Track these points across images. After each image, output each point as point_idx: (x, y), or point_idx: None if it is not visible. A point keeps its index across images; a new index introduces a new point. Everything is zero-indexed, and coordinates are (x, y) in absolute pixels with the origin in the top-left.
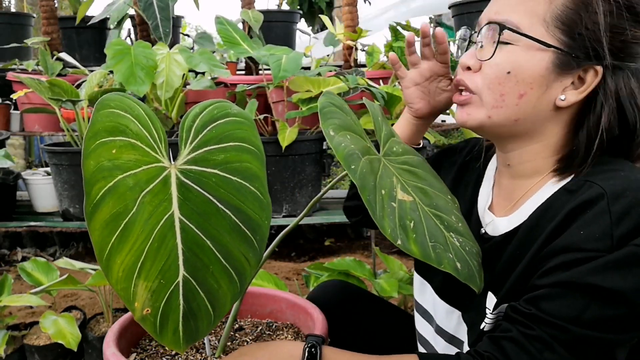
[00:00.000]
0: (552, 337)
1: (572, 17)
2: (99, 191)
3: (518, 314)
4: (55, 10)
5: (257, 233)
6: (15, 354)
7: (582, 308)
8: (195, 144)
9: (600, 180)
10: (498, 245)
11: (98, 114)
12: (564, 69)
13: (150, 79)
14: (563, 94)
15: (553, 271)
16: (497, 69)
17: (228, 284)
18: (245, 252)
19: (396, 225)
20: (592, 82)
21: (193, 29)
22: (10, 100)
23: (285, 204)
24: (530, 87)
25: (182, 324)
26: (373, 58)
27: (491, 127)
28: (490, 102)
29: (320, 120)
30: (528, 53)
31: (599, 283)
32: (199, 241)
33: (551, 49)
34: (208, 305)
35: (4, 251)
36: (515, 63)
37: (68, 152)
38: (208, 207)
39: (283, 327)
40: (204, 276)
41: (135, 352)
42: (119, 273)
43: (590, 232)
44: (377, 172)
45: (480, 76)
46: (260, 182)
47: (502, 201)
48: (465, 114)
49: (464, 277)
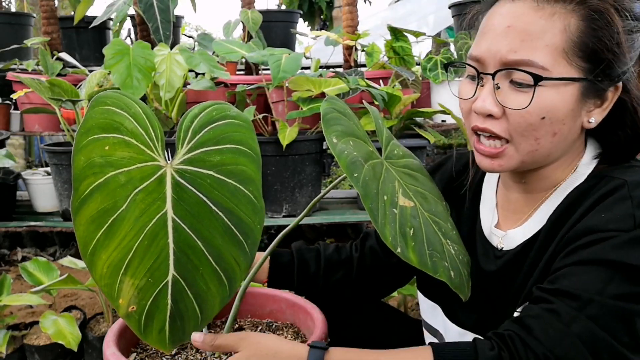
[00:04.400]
0: (577, 309)
1: (591, 41)
2: (87, 187)
3: (542, 292)
4: (55, 10)
5: (249, 237)
6: (15, 354)
7: (606, 281)
8: (192, 145)
9: (619, 174)
10: (517, 256)
11: (92, 110)
12: (590, 95)
13: (148, 80)
14: (591, 117)
15: (575, 251)
16: (530, 116)
17: (217, 286)
18: (236, 256)
19: (397, 232)
20: (614, 97)
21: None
22: (10, 100)
23: (285, 204)
24: (562, 123)
25: (168, 323)
26: (373, 58)
27: (523, 167)
28: (526, 149)
29: (322, 127)
30: (558, 92)
31: (623, 259)
32: (191, 242)
33: (578, 82)
34: (196, 306)
35: (4, 251)
36: (548, 107)
37: (68, 152)
38: (202, 208)
39: (283, 327)
40: (194, 277)
41: (135, 352)
42: (103, 269)
43: (612, 215)
44: (379, 178)
45: (507, 123)
46: (254, 186)
47: (511, 215)
48: (497, 165)
49: (454, 286)
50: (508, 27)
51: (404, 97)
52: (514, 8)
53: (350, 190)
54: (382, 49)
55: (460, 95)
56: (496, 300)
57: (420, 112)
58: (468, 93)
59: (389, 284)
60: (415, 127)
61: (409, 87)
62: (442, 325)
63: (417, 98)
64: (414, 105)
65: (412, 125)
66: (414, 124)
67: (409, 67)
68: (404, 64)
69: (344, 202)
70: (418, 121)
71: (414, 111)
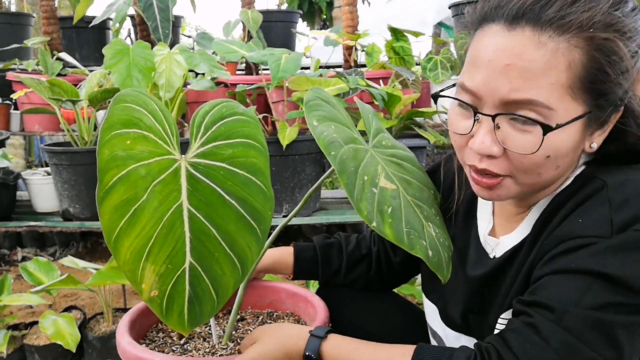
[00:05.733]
0: (554, 321)
1: (597, 75)
2: (111, 178)
3: (521, 304)
4: (55, 10)
5: (261, 223)
6: (15, 354)
7: (583, 291)
8: (205, 139)
9: (602, 175)
10: (504, 261)
11: (114, 107)
12: (592, 124)
13: (148, 80)
14: (592, 141)
15: (553, 259)
16: (535, 157)
17: (231, 270)
18: (249, 241)
19: (374, 208)
20: (615, 119)
21: (193, 29)
22: (10, 100)
23: (285, 203)
24: (566, 156)
25: (187, 307)
26: (373, 58)
27: (522, 196)
28: (527, 182)
29: (305, 112)
30: (564, 132)
31: (600, 269)
32: (206, 230)
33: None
34: (212, 290)
35: (4, 251)
36: (552, 147)
37: (68, 152)
38: (215, 198)
39: (284, 316)
40: (210, 263)
41: (144, 343)
42: (126, 255)
43: (589, 220)
44: (360, 160)
45: (507, 161)
46: (264, 176)
47: (505, 223)
48: (495, 195)
49: (433, 265)
50: (507, 65)
51: (404, 97)
52: (512, 43)
53: None
54: (382, 49)
55: (453, 128)
56: (485, 305)
57: (420, 112)
58: (463, 128)
59: (397, 277)
60: (415, 127)
61: (409, 87)
62: (440, 329)
63: (417, 98)
64: (414, 105)
65: (412, 125)
66: (414, 124)
67: (409, 67)
68: (404, 64)
69: (344, 202)
70: (418, 121)
71: (414, 111)
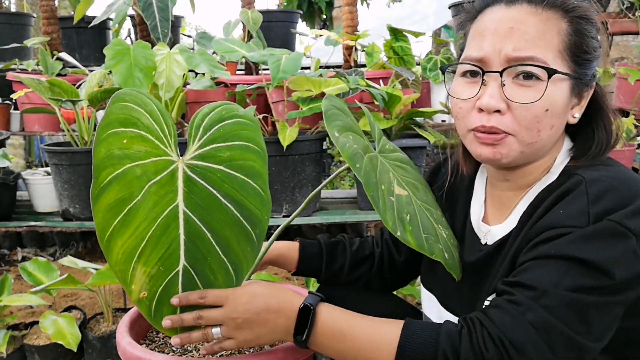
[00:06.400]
0: (533, 298)
1: (576, 44)
2: (106, 176)
3: (505, 285)
4: (55, 10)
5: (257, 227)
6: (15, 354)
7: (561, 274)
8: (203, 141)
9: (582, 171)
10: (494, 249)
11: (112, 106)
12: (574, 94)
13: (149, 80)
14: (574, 113)
15: (536, 246)
16: (536, 109)
17: (224, 276)
18: (244, 246)
19: (395, 218)
20: (589, 95)
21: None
22: (10, 100)
23: (285, 203)
24: (559, 117)
25: (179, 311)
26: (373, 58)
27: (519, 160)
28: (528, 140)
29: (325, 122)
30: (557, 87)
31: (576, 254)
32: (201, 233)
33: (570, 78)
34: None
35: (4, 251)
36: (550, 99)
37: (68, 152)
38: (212, 200)
39: None
40: (202, 268)
41: (144, 343)
42: (118, 255)
43: (569, 211)
44: (376, 169)
45: (512, 117)
46: (262, 180)
47: (496, 211)
48: (499, 154)
49: (449, 266)
50: (511, 28)
51: (404, 97)
52: (512, 13)
53: (350, 191)
54: (382, 49)
55: (459, 95)
56: (477, 289)
57: (420, 112)
58: (469, 94)
59: (400, 278)
60: (415, 127)
61: (409, 87)
62: (436, 315)
63: (417, 98)
64: (414, 105)
65: (412, 125)
66: (414, 124)
67: (409, 67)
68: (404, 64)
69: (344, 202)
70: (418, 121)
71: (414, 111)
